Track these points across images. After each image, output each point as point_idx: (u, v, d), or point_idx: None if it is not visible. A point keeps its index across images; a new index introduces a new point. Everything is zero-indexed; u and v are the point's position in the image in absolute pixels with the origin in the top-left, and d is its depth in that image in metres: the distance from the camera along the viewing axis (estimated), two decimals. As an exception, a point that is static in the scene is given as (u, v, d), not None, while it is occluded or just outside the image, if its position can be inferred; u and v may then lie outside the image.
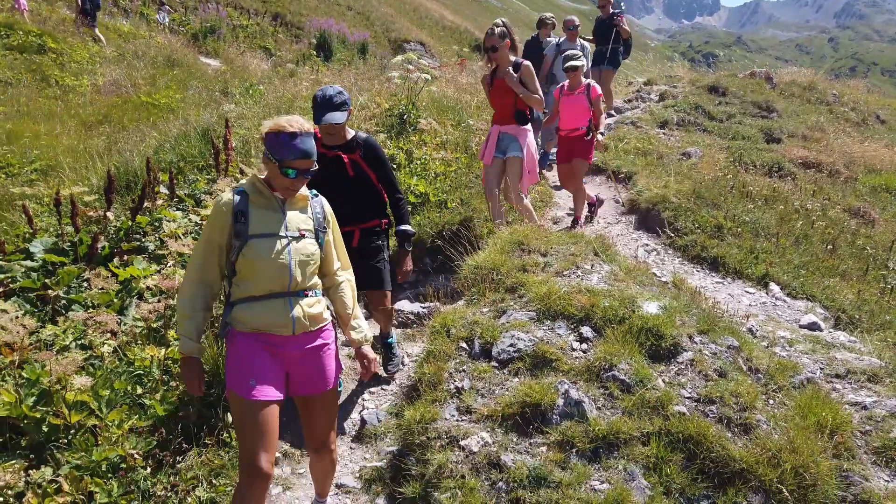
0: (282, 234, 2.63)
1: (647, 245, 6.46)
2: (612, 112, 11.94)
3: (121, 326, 3.74)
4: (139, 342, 3.68)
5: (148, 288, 4.07)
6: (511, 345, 3.76)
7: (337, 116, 3.65)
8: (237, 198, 2.62)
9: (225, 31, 15.17)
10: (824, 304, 5.50)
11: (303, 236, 2.69)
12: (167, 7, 15.49)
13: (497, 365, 3.72)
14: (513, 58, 5.51)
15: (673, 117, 11.37)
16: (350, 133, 3.93)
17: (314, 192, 2.86)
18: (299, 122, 2.59)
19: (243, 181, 2.77)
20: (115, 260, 4.42)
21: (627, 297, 4.02)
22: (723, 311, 4.60)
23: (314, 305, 2.72)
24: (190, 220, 5.07)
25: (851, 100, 14.92)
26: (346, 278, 2.99)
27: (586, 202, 7.04)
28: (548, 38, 9.19)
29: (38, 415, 2.97)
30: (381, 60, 16.73)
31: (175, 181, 5.70)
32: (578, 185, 6.86)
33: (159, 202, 5.36)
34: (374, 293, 4.22)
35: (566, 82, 6.83)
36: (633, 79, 17.62)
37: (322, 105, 3.64)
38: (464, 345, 3.93)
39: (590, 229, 6.63)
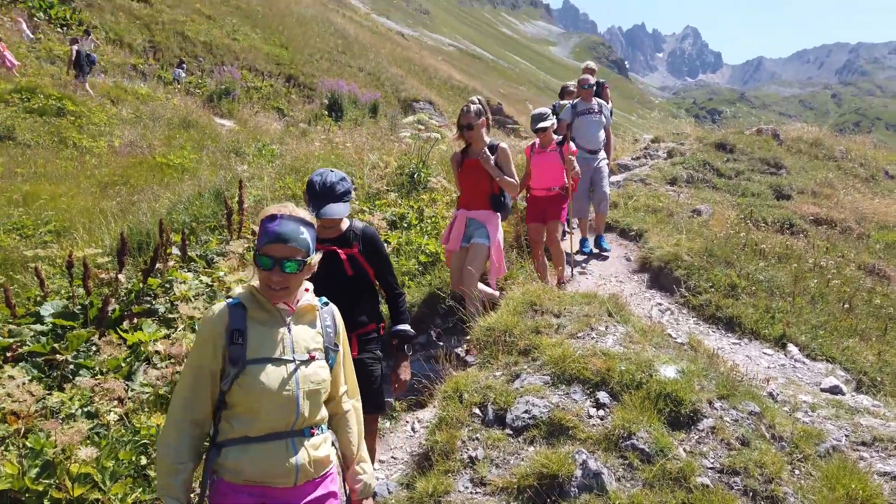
0: (287, 357, 2.14)
1: (660, 304, 6.39)
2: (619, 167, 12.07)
3: (128, 393, 3.68)
4: (146, 409, 3.61)
5: (156, 352, 4.02)
6: (526, 411, 3.66)
7: (339, 209, 3.14)
8: (232, 311, 2.14)
9: (239, 93, 15.59)
10: (845, 365, 5.37)
11: (313, 359, 2.19)
12: (185, 65, 15.95)
13: (512, 432, 3.61)
14: (488, 139, 5.18)
15: (682, 174, 11.42)
16: (345, 223, 3.35)
17: (323, 299, 2.39)
18: (288, 208, 2.20)
19: (238, 289, 2.50)
20: (125, 323, 4.40)
21: (644, 361, 3.93)
22: (742, 375, 4.49)
23: (321, 446, 2.20)
24: (201, 281, 5.06)
25: (859, 155, 14.98)
26: (352, 406, 2.48)
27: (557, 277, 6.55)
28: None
29: (40, 488, 2.88)
30: (392, 119, 17.08)
31: (187, 242, 5.72)
32: (556, 249, 6.53)
33: (171, 263, 5.36)
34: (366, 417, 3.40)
35: (537, 140, 6.62)
36: (640, 136, 17.84)
37: (321, 194, 3.11)
38: (477, 411, 3.83)
39: (602, 288, 6.57)
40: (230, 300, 2.21)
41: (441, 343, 5.66)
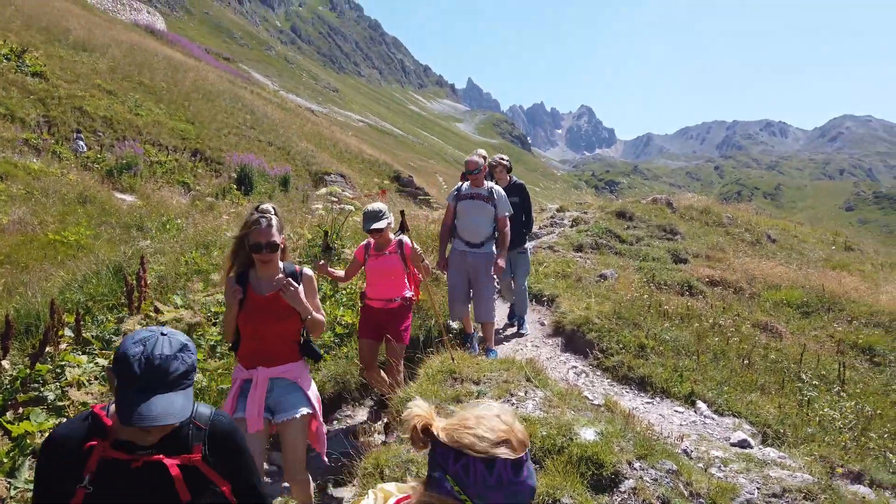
0: None
1: (575, 367, 6.50)
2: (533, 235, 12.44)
3: (10, 491, 3.30)
4: (31, 509, 3.25)
5: (45, 444, 3.66)
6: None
7: (173, 408, 1.78)
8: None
9: (142, 167, 15.08)
10: (750, 419, 5.60)
11: None
12: (83, 137, 15.30)
13: (436, 507, 3.48)
14: (282, 264, 3.62)
15: (587, 241, 11.92)
16: (185, 413, 1.84)
17: None
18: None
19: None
20: (9, 413, 3.99)
21: (564, 425, 3.95)
22: (657, 434, 4.58)
23: None
24: (97, 364, 4.71)
25: (744, 221, 16.23)
26: None
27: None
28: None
29: None
30: (304, 192, 16.98)
31: (82, 322, 5.34)
32: (394, 378, 5.14)
33: (63, 346, 4.97)
34: None
35: (371, 240, 5.34)
36: (546, 206, 18.58)
37: (144, 378, 1.76)
38: (399, 487, 3.68)
39: (519, 353, 6.62)
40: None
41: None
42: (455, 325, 6.61)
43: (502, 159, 7.34)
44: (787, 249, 14.98)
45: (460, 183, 6.65)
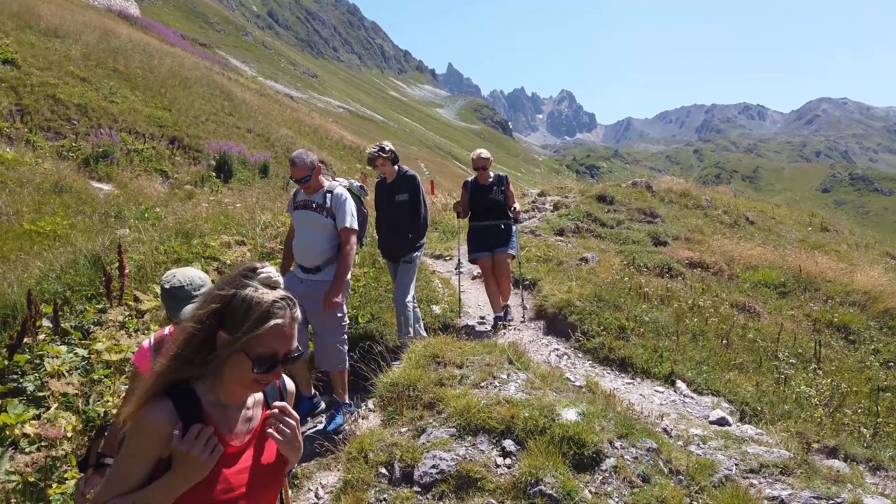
0: None
1: (557, 349, 6.56)
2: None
3: (-10, 483, 3.28)
4: (13, 500, 3.22)
5: (25, 436, 3.62)
6: (433, 466, 3.60)
7: None
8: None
9: (119, 156, 14.82)
10: (728, 398, 5.70)
11: None
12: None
13: (420, 489, 3.52)
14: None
15: (568, 225, 11.98)
16: None
17: None
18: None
19: None
20: (-13, 406, 3.95)
21: (546, 406, 3.99)
22: (638, 413, 4.66)
23: None
24: (76, 354, 4.66)
25: (722, 204, 16.39)
26: None
27: None
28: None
29: None
30: (284, 179, 16.84)
31: (60, 313, 5.28)
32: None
33: (41, 337, 4.91)
34: None
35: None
36: (528, 190, 18.61)
37: None
38: (383, 470, 3.72)
39: (502, 337, 6.67)
40: None
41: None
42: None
43: (382, 149, 5.96)
44: (765, 231, 15.17)
45: (297, 188, 5.06)
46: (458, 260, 8.78)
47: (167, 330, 2.94)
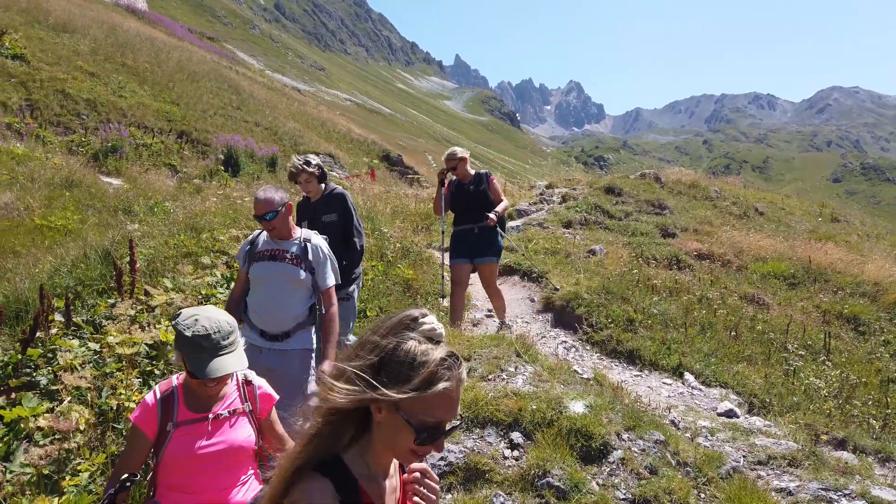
0: None
1: (565, 342, 6.57)
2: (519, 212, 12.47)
3: (6, 475, 3.33)
4: (28, 492, 3.28)
5: (39, 429, 3.67)
6: (441, 458, 3.62)
7: None
8: None
9: (128, 150, 14.90)
10: (736, 389, 5.70)
11: None
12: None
13: (428, 482, 3.55)
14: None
15: (576, 217, 11.96)
16: None
17: None
18: None
19: None
20: (1, 399, 4.01)
21: (554, 398, 4.01)
22: (645, 405, 4.66)
23: None
24: (88, 348, 4.71)
25: (731, 195, 16.30)
26: None
27: None
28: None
29: None
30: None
31: (72, 307, 5.33)
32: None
33: (54, 331, 4.96)
34: None
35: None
36: (536, 182, 18.58)
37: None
38: (392, 462, 3.74)
39: (510, 330, 6.68)
40: None
41: None
42: None
43: (308, 162, 5.05)
44: (775, 222, 15.08)
45: (257, 231, 4.11)
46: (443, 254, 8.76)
47: (175, 380, 2.58)
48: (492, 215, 6.07)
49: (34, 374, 4.35)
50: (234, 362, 2.43)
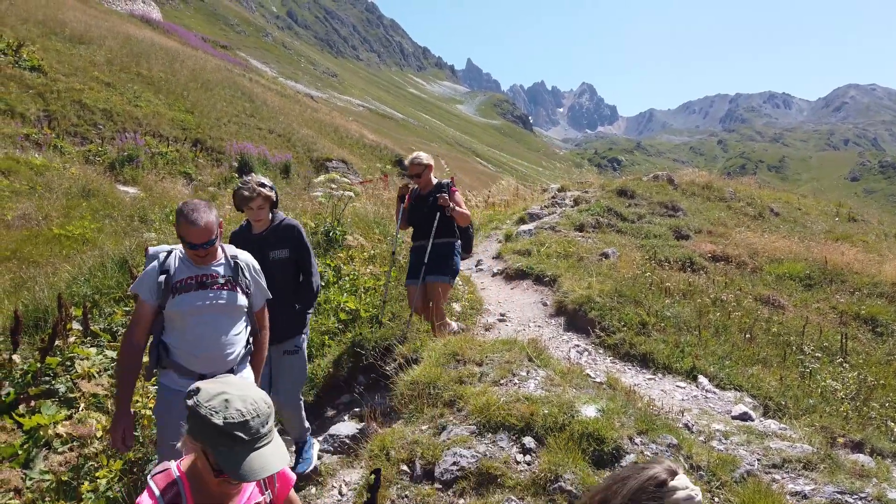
0: None
1: (578, 346, 6.56)
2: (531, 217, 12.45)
3: (26, 482, 3.39)
4: (48, 498, 3.34)
5: (58, 436, 3.74)
6: (454, 463, 3.64)
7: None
8: None
9: (143, 159, 15.10)
10: (751, 392, 5.66)
11: None
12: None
13: (441, 486, 3.57)
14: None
15: (588, 220, 11.93)
16: None
17: None
18: None
19: None
20: (21, 407, 4.08)
21: (566, 403, 4.01)
22: (658, 409, 4.65)
23: None
24: (106, 356, 4.79)
25: (746, 196, 16.19)
26: None
27: None
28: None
29: None
30: (305, 179, 17.01)
31: (90, 315, 5.42)
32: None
33: (72, 339, 5.05)
34: None
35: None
36: (548, 185, 18.55)
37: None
38: (405, 467, 3.77)
39: (522, 334, 6.68)
40: None
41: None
42: None
43: (263, 184, 4.31)
44: (791, 222, 14.95)
45: (158, 251, 3.24)
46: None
47: (175, 470, 1.93)
48: (445, 195, 5.56)
49: (53, 382, 4.42)
50: (277, 459, 1.78)
